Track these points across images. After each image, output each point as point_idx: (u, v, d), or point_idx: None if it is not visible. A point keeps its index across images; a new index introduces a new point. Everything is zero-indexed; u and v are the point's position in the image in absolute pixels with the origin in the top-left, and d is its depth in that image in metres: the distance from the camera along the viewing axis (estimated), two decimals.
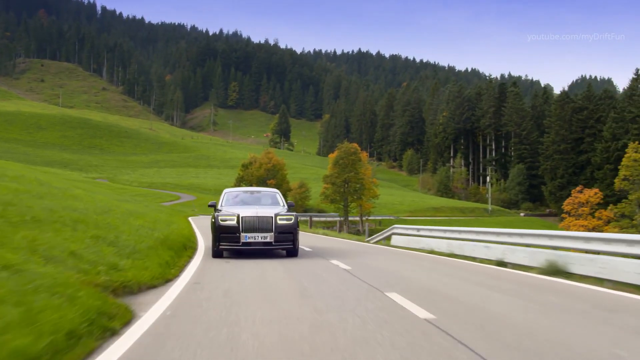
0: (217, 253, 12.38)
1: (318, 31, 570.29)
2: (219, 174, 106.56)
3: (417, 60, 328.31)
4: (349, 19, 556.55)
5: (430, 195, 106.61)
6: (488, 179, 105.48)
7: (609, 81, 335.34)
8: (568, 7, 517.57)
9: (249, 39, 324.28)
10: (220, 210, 12.94)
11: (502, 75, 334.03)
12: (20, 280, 4.80)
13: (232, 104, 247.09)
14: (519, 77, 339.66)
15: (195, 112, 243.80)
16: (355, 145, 63.59)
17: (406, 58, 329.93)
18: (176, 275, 8.62)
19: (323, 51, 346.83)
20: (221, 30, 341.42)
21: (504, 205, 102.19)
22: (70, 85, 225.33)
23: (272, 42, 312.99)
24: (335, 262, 11.40)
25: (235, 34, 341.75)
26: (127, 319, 5.14)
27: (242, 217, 12.12)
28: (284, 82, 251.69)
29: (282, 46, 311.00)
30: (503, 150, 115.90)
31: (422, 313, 5.68)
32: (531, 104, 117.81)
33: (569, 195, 72.35)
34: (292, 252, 12.90)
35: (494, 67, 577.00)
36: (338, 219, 57.00)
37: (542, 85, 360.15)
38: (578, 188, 68.68)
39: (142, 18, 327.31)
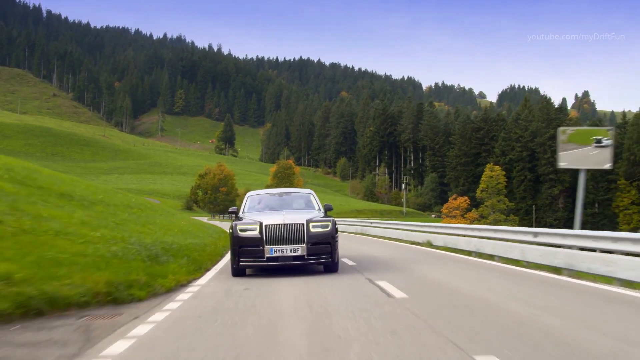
0: (237, 271, 10.48)
1: (261, 36, 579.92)
2: (174, 180, 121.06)
3: (356, 68, 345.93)
4: (290, 25, 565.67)
5: (357, 199, 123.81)
6: (403, 186, 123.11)
7: (536, 90, 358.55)
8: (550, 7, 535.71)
9: (193, 45, 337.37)
10: (241, 218, 11.11)
11: (437, 84, 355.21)
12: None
13: (178, 111, 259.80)
14: (452, 85, 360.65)
15: (143, 118, 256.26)
16: (290, 161, 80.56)
17: (345, 66, 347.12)
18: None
19: (265, 58, 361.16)
20: (165, 35, 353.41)
21: (419, 208, 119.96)
22: (21, 91, 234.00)
23: (215, 47, 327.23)
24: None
25: (179, 38, 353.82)
26: None
27: (265, 226, 10.15)
28: (228, 91, 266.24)
29: (225, 51, 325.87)
30: (420, 161, 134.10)
31: None
32: (444, 122, 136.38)
33: None
34: (331, 267, 10.80)
35: (428, 75, 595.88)
36: None
37: (477, 93, 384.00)
38: (453, 196, 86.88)
39: (88, 23, 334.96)
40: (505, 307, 6.86)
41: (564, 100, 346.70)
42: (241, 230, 10.33)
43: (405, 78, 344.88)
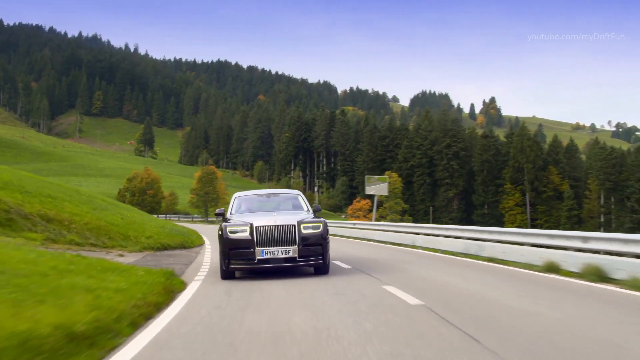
0: (227, 274, 10.39)
1: (178, 37, 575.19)
2: (98, 182, 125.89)
3: (273, 72, 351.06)
4: (206, 25, 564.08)
5: None
6: (316, 188, 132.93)
7: (446, 96, 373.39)
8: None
9: (109, 44, 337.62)
10: (229, 220, 10.99)
11: (351, 88, 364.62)
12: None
13: (96, 112, 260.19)
14: (366, 90, 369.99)
15: (60, 119, 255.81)
16: (213, 167, 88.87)
17: (262, 70, 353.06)
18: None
19: (183, 59, 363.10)
20: (80, 34, 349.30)
21: (331, 209, 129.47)
22: None
23: (132, 47, 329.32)
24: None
25: (95, 37, 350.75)
26: None
27: (256, 228, 10.13)
28: (147, 92, 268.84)
29: (142, 52, 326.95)
30: (332, 165, 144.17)
31: None
32: (354, 129, 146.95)
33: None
34: (322, 269, 10.73)
35: (344, 79, 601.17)
36: (201, 219, 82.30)
37: (390, 97, 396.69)
38: (357, 199, 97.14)
39: (1, 20, 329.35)
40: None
41: (472, 106, 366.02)
42: (231, 232, 10.25)
43: (321, 82, 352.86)
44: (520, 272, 11.60)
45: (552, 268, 11.23)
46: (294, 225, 10.29)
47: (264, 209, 12.31)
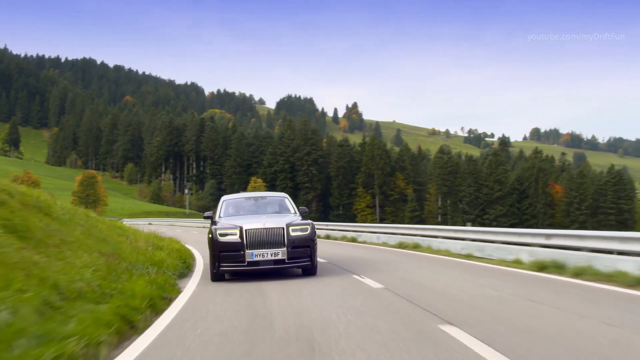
0: (216, 276, 10.89)
1: (40, 31, 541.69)
2: None
3: (140, 72, 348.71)
4: (70, 19, 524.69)
5: (145, 202, 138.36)
6: (186, 190, 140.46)
7: (311, 100, 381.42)
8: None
9: None
10: (218, 223, 11.41)
11: (219, 91, 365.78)
12: None
13: None
14: (233, 92, 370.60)
15: None
16: (93, 172, 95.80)
17: (129, 70, 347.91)
18: None
19: (46, 56, 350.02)
20: None
21: (200, 210, 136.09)
22: None
23: None
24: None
25: None
26: None
27: (246, 230, 10.54)
28: (10, 91, 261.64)
29: (1, 45, 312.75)
30: (201, 169, 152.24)
31: None
32: (223, 135, 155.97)
33: None
34: (310, 270, 11.18)
35: (211, 81, 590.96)
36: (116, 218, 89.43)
37: (256, 100, 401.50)
38: None
39: None
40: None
41: (335, 110, 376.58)
42: (221, 235, 10.58)
43: (189, 83, 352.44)
44: (460, 262, 14.48)
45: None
46: (283, 228, 10.63)
47: (252, 211, 12.58)
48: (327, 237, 29.01)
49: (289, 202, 13.04)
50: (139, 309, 7.07)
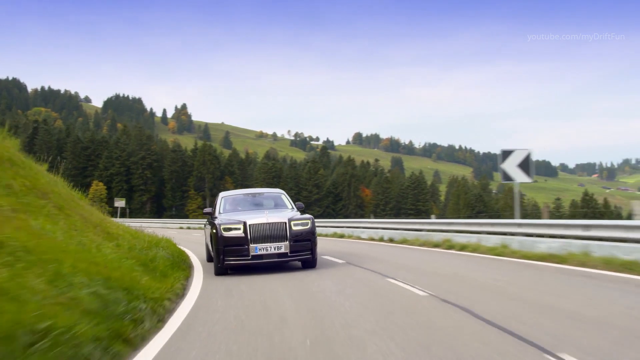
0: (221, 270, 11.01)
1: None
2: None
3: None
4: None
5: None
6: None
7: (139, 100, 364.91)
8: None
9: None
10: (218, 218, 11.65)
11: (43, 87, 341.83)
12: None
13: None
14: (59, 90, 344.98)
15: None
16: None
17: None
18: None
19: None
20: None
21: None
22: None
23: None
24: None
25: None
26: None
27: (249, 225, 10.81)
28: None
29: None
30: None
31: None
32: (57, 137, 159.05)
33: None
34: (311, 263, 11.47)
35: (35, 77, 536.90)
36: None
37: (82, 98, 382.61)
38: None
39: None
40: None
41: (164, 111, 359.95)
42: (225, 230, 10.80)
43: (10, 78, 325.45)
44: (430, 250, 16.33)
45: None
46: (285, 223, 10.93)
47: (251, 207, 12.78)
48: None
49: (285, 198, 13.27)
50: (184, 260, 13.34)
